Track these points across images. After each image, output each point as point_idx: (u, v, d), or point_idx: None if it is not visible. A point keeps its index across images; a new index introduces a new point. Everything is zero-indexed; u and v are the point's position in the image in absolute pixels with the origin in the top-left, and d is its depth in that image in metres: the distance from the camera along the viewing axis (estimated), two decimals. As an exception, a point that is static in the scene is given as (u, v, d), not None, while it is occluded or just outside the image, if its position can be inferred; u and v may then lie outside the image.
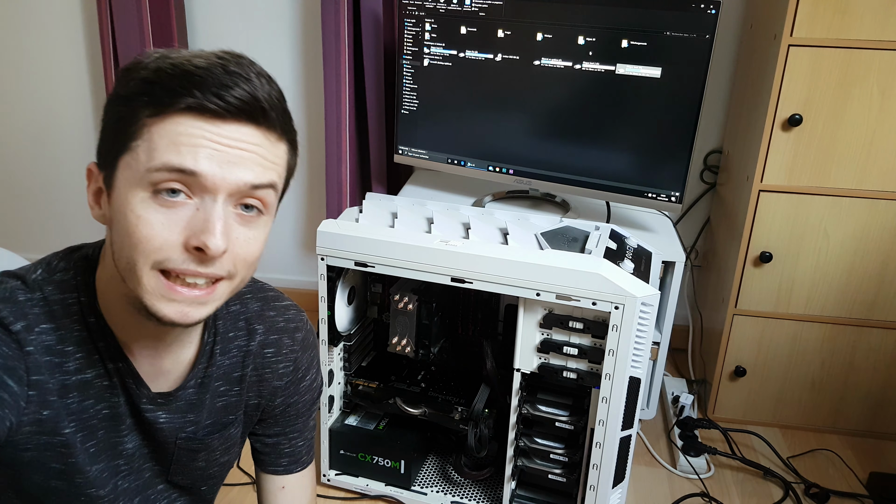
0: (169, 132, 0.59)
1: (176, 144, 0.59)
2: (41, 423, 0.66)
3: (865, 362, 1.62)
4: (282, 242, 2.21)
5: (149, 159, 0.59)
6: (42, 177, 2.25)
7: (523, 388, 1.26)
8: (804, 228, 1.54)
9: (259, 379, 0.82)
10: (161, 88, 0.59)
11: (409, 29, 1.64)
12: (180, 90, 0.59)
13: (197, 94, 0.58)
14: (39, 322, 0.66)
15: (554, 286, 1.14)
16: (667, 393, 1.78)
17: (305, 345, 0.85)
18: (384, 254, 1.24)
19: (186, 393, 0.75)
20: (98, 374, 0.69)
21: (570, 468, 1.27)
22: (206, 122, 0.59)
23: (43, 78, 2.11)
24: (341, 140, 1.87)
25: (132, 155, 0.60)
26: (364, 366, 1.49)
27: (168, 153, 0.59)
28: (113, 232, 0.63)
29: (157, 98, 0.59)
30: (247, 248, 0.64)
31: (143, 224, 0.59)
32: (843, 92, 1.43)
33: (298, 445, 0.90)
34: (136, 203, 0.60)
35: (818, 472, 1.58)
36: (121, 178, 0.61)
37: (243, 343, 0.80)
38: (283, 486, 0.90)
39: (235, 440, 0.84)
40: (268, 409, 0.85)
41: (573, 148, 1.56)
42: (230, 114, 0.60)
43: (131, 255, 0.60)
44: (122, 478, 0.75)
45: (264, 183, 0.63)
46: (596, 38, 1.46)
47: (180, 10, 1.91)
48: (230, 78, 0.59)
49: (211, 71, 0.59)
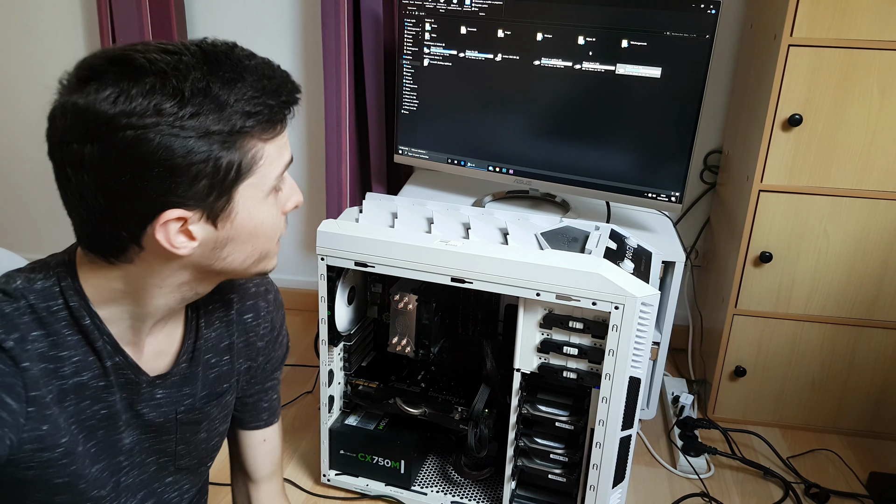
0: (277, 141, 0.68)
1: (279, 147, 0.68)
2: (41, 440, 0.66)
3: (865, 362, 1.62)
4: (282, 242, 2.21)
5: (272, 171, 0.67)
6: (42, 177, 2.25)
7: (523, 388, 1.26)
8: (804, 228, 1.54)
9: (246, 344, 0.86)
10: (269, 112, 0.65)
11: (409, 29, 1.64)
12: (278, 109, 0.66)
13: (286, 112, 0.67)
14: (31, 330, 0.65)
15: (554, 286, 1.14)
16: (667, 393, 1.78)
17: (277, 304, 0.91)
18: (384, 254, 1.24)
19: (180, 369, 0.78)
20: (94, 375, 0.70)
21: (570, 468, 1.27)
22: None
23: (43, 78, 2.11)
24: (341, 140, 1.87)
25: (255, 177, 0.66)
26: (364, 366, 1.49)
27: (281, 157, 0.68)
28: (230, 247, 0.68)
29: (269, 122, 0.65)
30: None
31: (271, 219, 0.70)
32: (843, 92, 1.43)
33: (273, 399, 0.95)
34: (267, 210, 0.69)
35: (818, 472, 1.58)
36: (245, 201, 0.66)
37: (223, 314, 0.83)
38: (264, 438, 0.95)
39: (230, 407, 0.88)
40: (254, 369, 0.90)
41: (573, 148, 1.56)
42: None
43: (265, 245, 0.71)
44: (125, 474, 0.76)
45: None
46: (596, 38, 1.46)
47: (180, 10, 1.91)
48: (275, 73, 0.66)
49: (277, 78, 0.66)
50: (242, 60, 0.64)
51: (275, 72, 0.66)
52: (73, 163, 0.60)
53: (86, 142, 0.59)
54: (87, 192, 0.61)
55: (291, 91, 0.67)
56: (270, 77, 0.65)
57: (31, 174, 2.25)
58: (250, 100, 0.62)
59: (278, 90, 0.65)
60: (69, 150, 0.60)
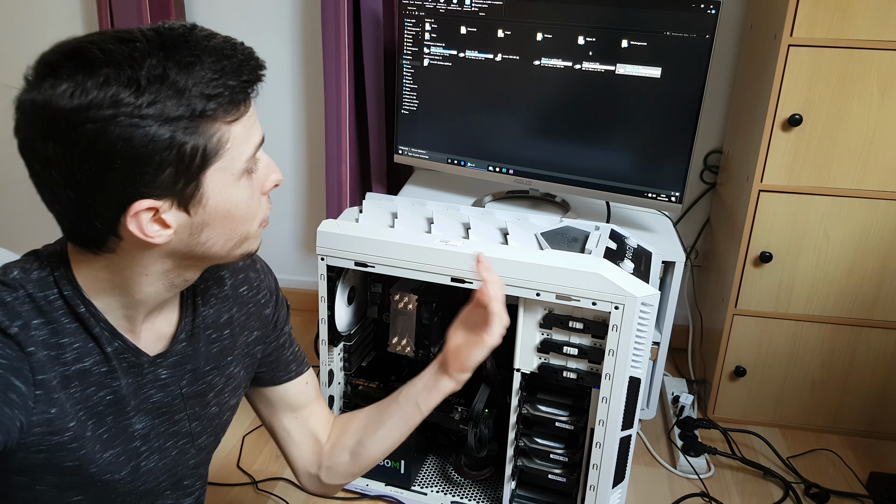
0: (245, 122, 0.66)
1: (248, 128, 0.66)
2: (50, 423, 0.67)
3: (865, 362, 1.62)
4: (282, 242, 2.21)
5: (242, 153, 0.66)
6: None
7: (523, 388, 1.26)
8: (804, 228, 1.54)
9: (248, 316, 0.87)
10: (230, 93, 0.63)
11: (409, 29, 1.64)
12: (245, 85, 0.64)
13: (248, 90, 0.65)
14: (32, 318, 0.66)
15: (554, 286, 1.14)
16: (667, 393, 1.78)
17: (265, 270, 0.92)
18: (384, 254, 1.24)
19: (179, 347, 0.78)
20: (95, 361, 0.70)
21: (570, 468, 1.27)
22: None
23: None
24: (341, 140, 1.87)
25: (224, 160, 0.65)
26: (364, 366, 1.49)
27: (251, 138, 0.67)
28: (207, 231, 0.68)
29: (232, 103, 0.64)
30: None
31: (248, 201, 0.69)
32: (843, 92, 1.43)
33: (296, 351, 0.97)
34: (241, 192, 0.67)
35: (818, 472, 1.58)
36: (215, 184, 0.65)
37: (216, 291, 0.84)
38: (306, 381, 0.98)
39: (240, 381, 0.88)
40: (265, 335, 0.91)
41: (573, 148, 1.56)
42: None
43: (245, 228, 0.70)
44: (144, 458, 0.77)
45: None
46: (596, 38, 1.46)
47: (180, 10, 1.91)
48: (237, 52, 0.65)
49: (239, 55, 0.64)
50: (201, 42, 0.62)
51: (236, 50, 0.64)
52: (38, 160, 0.61)
53: (47, 139, 0.59)
54: (57, 187, 0.62)
55: (254, 69, 0.64)
56: (231, 56, 0.63)
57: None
58: (209, 82, 0.61)
59: (239, 70, 0.63)
60: (33, 148, 0.61)
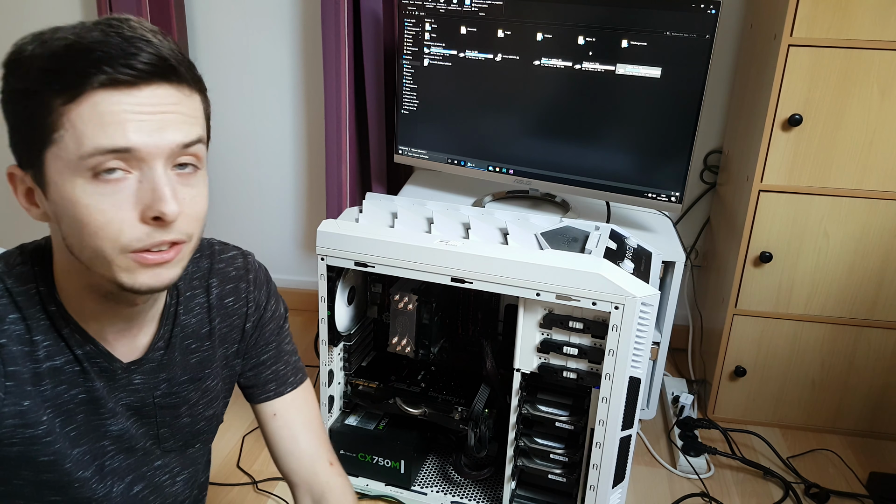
0: (89, 114, 0.58)
1: (101, 125, 0.58)
2: (23, 415, 0.67)
3: (865, 362, 1.62)
4: (282, 242, 2.21)
5: (78, 147, 0.59)
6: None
7: (523, 388, 1.26)
8: (804, 228, 1.54)
9: (230, 328, 0.86)
10: (68, 72, 0.58)
11: (409, 29, 1.64)
12: (89, 69, 0.58)
13: (106, 68, 0.58)
14: (7, 313, 0.67)
15: (554, 286, 1.14)
16: (667, 393, 1.78)
17: (258, 283, 0.89)
18: (384, 254, 1.24)
19: (156, 355, 0.77)
20: (67, 360, 0.70)
21: (570, 468, 1.27)
22: (123, 94, 0.59)
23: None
24: (341, 140, 1.87)
25: (58, 146, 0.60)
26: (364, 366, 1.49)
27: (96, 136, 0.58)
28: (64, 227, 0.63)
29: (67, 83, 0.58)
30: (194, 207, 0.65)
31: (94, 212, 0.60)
32: (843, 92, 1.43)
33: (280, 371, 0.92)
34: (79, 193, 0.60)
35: (818, 472, 1.58)
36: (52, 172, 0.61)
37: (203, 300, 0.83)
38: (273, 412, 0.92)
39: (217, 393, 0.87)
40: (246, 349, 0.89)
41: (573, 148, 1.56)
42: (142, 79, 0.59)
43: (96, 244, 0.61)
44: (109, 458, 0.76)
45: (193, 139, 0.64)
46: (596, 38, 1.46)
47: (180, 10, 1.91)
48: (130, 44, 0.59)
49: (109, 42, 0.58)
50: (118, 25, 0.60)
51: (129, 43, 0.58)
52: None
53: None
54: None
55: (115, 58, 0.58)
56: (114, 45, 0.58)
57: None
58: (51, 58, 0.58)
59: (107, 57, 0.57)
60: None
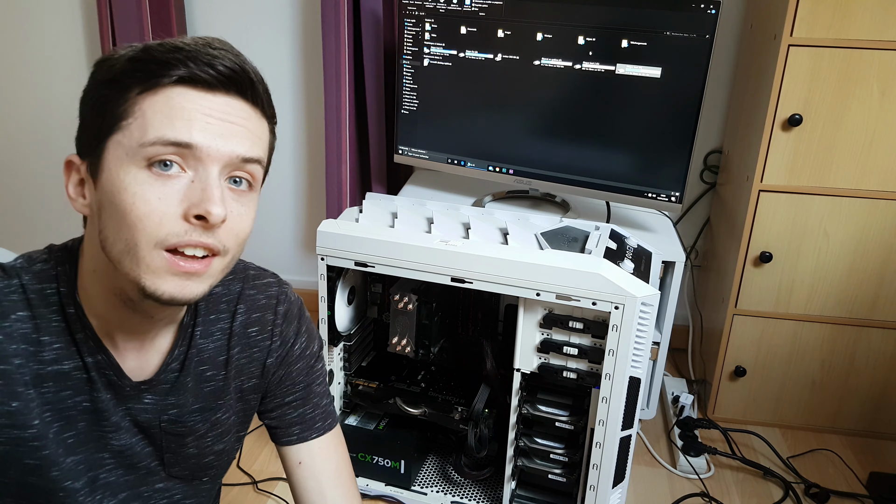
0: (162, 106, 0.60)
1: (170, 118, 0.59)
2: (10, 416, 0.65)
3: (865, 362, 1.62)
4: (282, 242, 2.21)
5: (142, 134, 0.59)
6: (41, 177, 2.25)
7: (523, 388, 1.26)
8: (804, 228, 1.54)
9: (249, 360, 0.81)
10: (153, 63, 0.60)
11: (409, 29, 1.64)
12: (173, 62, 0.60)
13: (190, 64, 0.60)
14: (16, 309, 0.65)
15: (554, 286, 1.14)
16: (667, 393, 1.78)
17: (289, 317, 0.84)
18: (384, 254, 1.24)
19: (169, 377, 0.74)
20: (76, 366, 0.68)
21: (570, 468, 1.27)
22: (198, 94, 0.60)
23: (43, 78, 2.11)
24: (341, 140, 1.87)
25: (123, 133, 0.60)
26: (364, 366, 1.49)
27: (162, 127, 0.59)
28: (104, 218, 0.62)
29: (148, 72, 0.60)
30: (239, 223, 0.65)
31: (140, 201, 0.59)
32: (843, 92, 1.43)
33: (307, 414, 0.86)
34: (130, 180, 0.60)
35: (818, 472, 1.58)
36: (110, 158, 0.61)
37: (226, 325, 0.79)
38: (299, 461, 0.86)
39: (228, 427, 0.82)
40: (268, 386, 0.84)
41: (573, 148, 1.56)
42: (221, 84, 0.61)
43: (131, 235, 0.60)
44: (107, 471, 0.73)
45: (254, 157, 0.64)
46: (596, 38, 1.46)
47: (180, 10, 1.91)
48: (217, 51, 0.61)
49: (197, 48, 0.61)
50: (210, 40, 0.63)
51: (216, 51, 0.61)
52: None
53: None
54: None
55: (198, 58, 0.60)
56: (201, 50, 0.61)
57: (31, 174, 2.25)
58: (142, 50, 0.61)
59: (193, 56, 0.60)
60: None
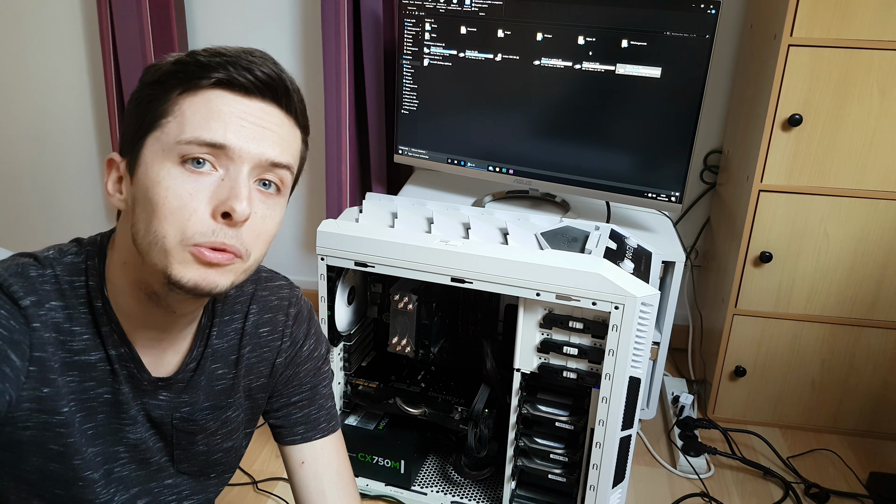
0: (200, 106, 0.63)
1: (206, 119, 0.63)
2: (41, 401, 0.67)
3: (865, 362, 1.62)
4: (282, 242, 2.21)
5: (180, 132, 0.63)
6: (42, 177, 2.25)
7: (523, 388, 1.26)
8: (804, 228, 1.54)
9: (259, 360, 0.83)
10: (194, 65, 0.63)
11: (409, 29, 1.64)
12: (213, 66, 0.63)
13: (230, 68, 0.63)
14: (50, 299, 0.67)
15: (554, 286, 1.14)
16: (667, 393, 1.78)
17: (299, 319, 0.87)
18: (384, 254, 1.24)
19: (185, 376, 0.77)
20: (101, 358, 0.70)
21: (570, 468, 1.27)
22: (235, 98, 0.64)
23: (43, 79, 2.11)
24: (341, 140, 1.87)
25: (162, 130, 0.64)
26: (364, 366, 1.49)
27: (199, 127, 0.62)
28: (137, 211, 0.65)
29: (189, 74, 0.63)
30: (263, 224, 0.67)
31: (172, 196, 0.62)
32: (843, 92, 1.43)
33: (311, 414, 0.88)
34: (164, 174, 0.63)
35: (818, 472, 1.58)
36: (148, 153, 0.64)
37: (238, 325, 0.81)
38: (301, 460, 0.88)
39: (237, 425, 0.84)
40: (276, 386, 0.87)
41: (573, 148, 1.56)
42: (258, 90, 0.64)
43: (161, 227, 0.62)
44: (121, 465, 0.76)
45: (284, 162, 0.67)
46: (596, 38, 1.46)
47: (180, 10, 1.91)
48: (257, 59, 0.65)
49: (238, 55, 0.65)
50: (252, 50, 0.66)
51: (255, 58, 0.65)
52: None
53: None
54: None
55: (237, 64, 0.63)
56: (241, 57, 0.64)
57: (32, 174, 2.25)
58: (187, 54, 0.64)
59: (233, 61, 0.63)
60: None
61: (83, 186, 2.24)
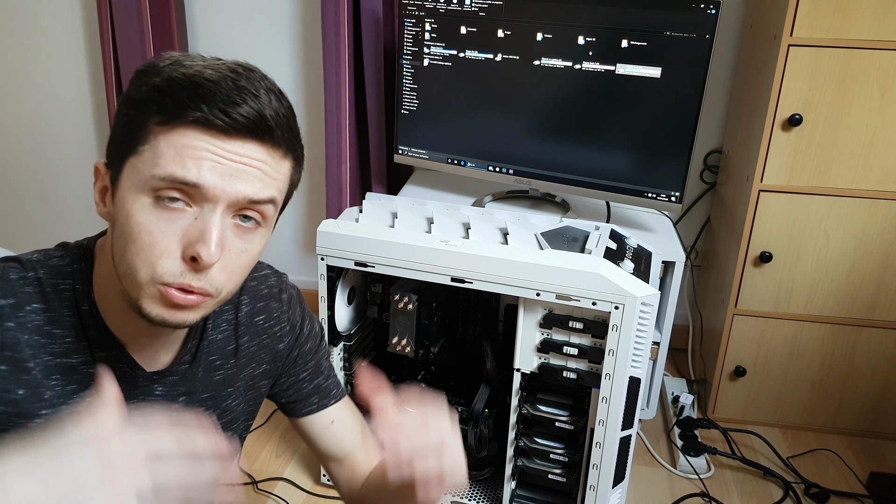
0: (175, 143, 0.61)
1: (181, 157, 0.60)
2: (16, 404, 0.65)
3: (865, 362, 1.62)
4: (282, 242, 2.21)
5: (153, 166, 0.61)
6: (42, 177, 2.25)
7: (523, 388, 1.26)
8: (804, 228, 1.54)
9: (259, 347, 0.85)
10: (170, 99, 0.60)
11: (409, 29, 1.64)
12: (188, 103, 0.60)
13: (204, 108, 0.60)
14: (31, 301, 0.66)
15: (554, 286, 1.14)
16: (667, 393, 1.78)
17: (292, 302, 0.89)
18: (384, 254, 1.24)
19: (180, 368, 0.77)
20: (84, 362, 0.70)
21: (570, 468, 1.27)
22: (212, 137, 0.61)
23: (43, 79, 2.11)
24: (341, 140, 1.87)
25: (139, 158, 0.62)
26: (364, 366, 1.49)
27: (173, 165, 0.60)
28: (115, 233, 0.64)
29: (165, 108, 0.60)
30: (236, 260, 0.65)
31: (144, 232, 0.61)
32: (843, 92, 1.43)
33: (321, 384, 0.92)
34: (138, 209, 0.61)
35: (818, 472, 1.58)
36: (126, 179, 0.63)
37: (231, 317, 0.82)
38: (331, 420, 0.92)
39: (237, 415, 0.86)
40: (282, 369, 0.89)
41: (573, 148, 1.56)
42: (236, 130, 0.61)
43: (133, 260, 0.62)
44: None
45: (263, 199, 0.64)
46: (596, 38, 1.46)
47: (180, 10, 1.91)
48: (239, 94, 0.60)
49: (220, 85, 0.60)
50: (240, 73, 0.62)
51: (238, 92, 0.60)
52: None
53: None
54: None
55: (215, 102, 0.59)
56: (223, 89, 0.60)
57: (32, 175, 2.25)
58: (166, 81, 0.61)
59: (210, 98, 0.59)
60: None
61: (83, 186, 2.24)
